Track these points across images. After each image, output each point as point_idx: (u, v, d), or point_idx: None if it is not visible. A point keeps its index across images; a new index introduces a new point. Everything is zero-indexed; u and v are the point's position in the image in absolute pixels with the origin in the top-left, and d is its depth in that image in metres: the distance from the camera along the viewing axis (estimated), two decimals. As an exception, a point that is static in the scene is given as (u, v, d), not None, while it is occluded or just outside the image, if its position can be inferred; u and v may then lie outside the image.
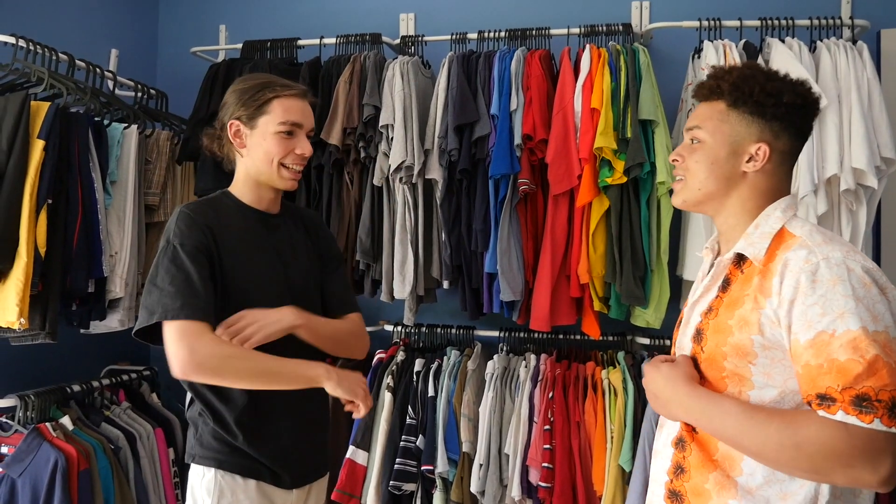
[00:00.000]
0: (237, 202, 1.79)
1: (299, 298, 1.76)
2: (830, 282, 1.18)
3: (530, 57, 2.61)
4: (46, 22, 2.85)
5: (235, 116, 1.74)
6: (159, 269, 1.63)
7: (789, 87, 1.35)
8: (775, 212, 1.34)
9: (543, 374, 2.57)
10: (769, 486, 1.24)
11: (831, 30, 2.56)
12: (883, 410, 1.11)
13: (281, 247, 1.79)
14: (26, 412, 2.40)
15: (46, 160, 2.25)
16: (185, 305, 1.57)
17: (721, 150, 1.37)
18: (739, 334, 1.27)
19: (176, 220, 1.67)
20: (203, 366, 1.58)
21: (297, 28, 3.15)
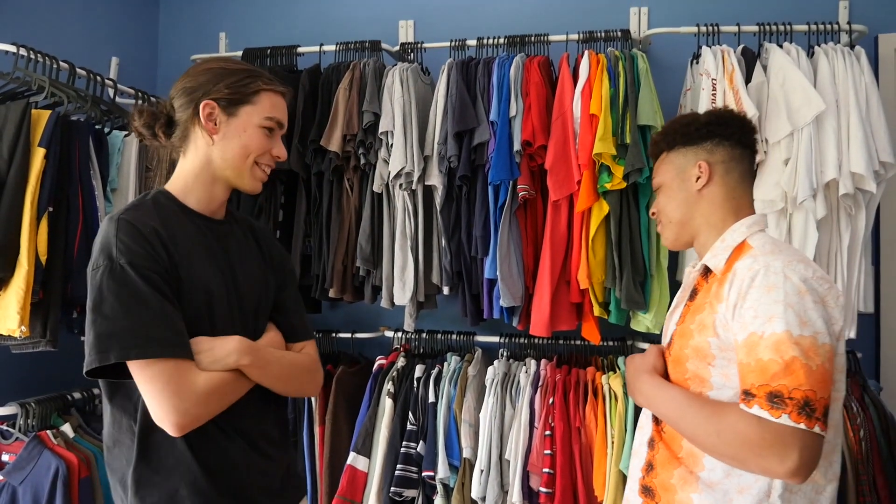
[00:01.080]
0: (179, 205, 1.51)
1: (251, 319, 1.56)
2: (765, 288, 1.31)
3: (529, 63, 2.62)
4: (47, 30, 2.86)
5: (213, 97, 1.49)
6: (105, 294, 1.33)
7: (703, 113, 1.58)
8: (741, 227, 1.49)
9: (544, 379, 2.57)
10: (728, 479, 1.36)
11: (829, 35, 2.57)
12: (793, 407, 1.23)
13: (231, 257, 1.55)
14: (27, 420, 2.40)
15: (47, 168, 2.26)
16: (150, 340, 1.31)
17: (673, 183, 1.58)
18: (699, 337, 1.41)
19: (116, 232, 1.37)
20: (198, 417, 1.36)
21: (297, 35, 3.16)
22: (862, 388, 2.45)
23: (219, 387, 1.39)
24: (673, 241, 1.61)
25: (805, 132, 2.34)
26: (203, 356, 1.39)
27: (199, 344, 1.40)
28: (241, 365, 1.43)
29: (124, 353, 1.31)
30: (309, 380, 1.63)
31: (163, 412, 1.33)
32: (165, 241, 1.41)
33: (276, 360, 1.52)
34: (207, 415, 1.38)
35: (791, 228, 2.39)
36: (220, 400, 1.40)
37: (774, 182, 2.36)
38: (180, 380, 1.33)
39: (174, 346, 1.34)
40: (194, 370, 1.36)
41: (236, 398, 1.44)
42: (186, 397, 1.33)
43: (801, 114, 2.34)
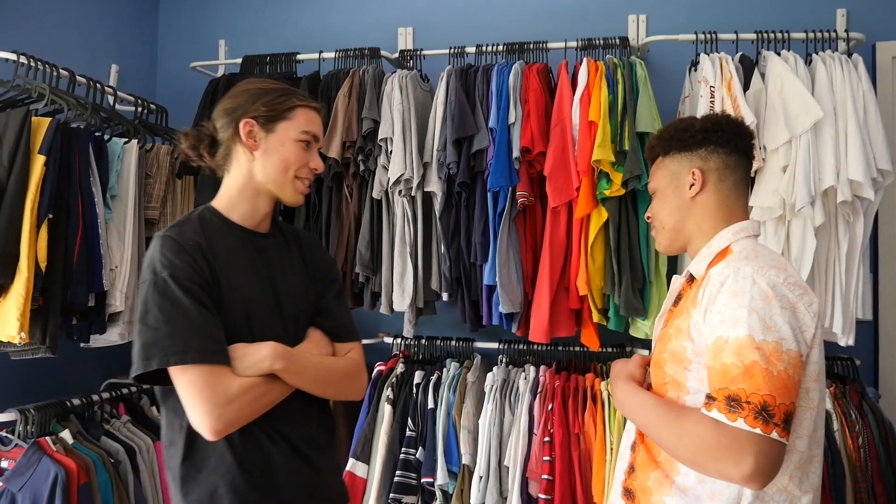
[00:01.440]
0: (223, 220, 1.61)
1: (291, 327, 1.61)
2: (732, 293, 1.32)
3: (528, 70, 2.63)
4: (47, 38, 2.87)
5: (252, 116, 1.58)
6: (149, 306, 1.43)
7: (700, 119, 1.57)
8: (727, 233, 1.49)
9: (543, 385, 2.58)
10: (701, 485, 1.36)
11: (827, 43, 2.58)
12: (749, 411, 1.23)
13: (271, 270, 1.62)
14: (26, 426, 2.40)
15: (47, 175, 2.26)
16: (188, 348, 1.40)
17: (668, 189, 1.57)
18: (675, 341, 1.42)
19: (160, 248, 1.48)
20: (232, 421, 1.43)
21: (297, 43, 3.17)
22: (860, 395, 2.45)
23: (252, 391, 1.45)
24: (666, 246, 1.61)
25: (803, 139, 2.34)
26: (238, 362, 1.46)
27: (235, 350, 1.47)
28: (275, 369, 1.48)
29: (165, 359, 1.39)
30: (349, 384, 1.66)
31: (198, 416, 1.40)
32: (207, 255, 1.50)
33: (313, 365, 1.57)
34: (242, 418, 1.44)
35: (789, 236, 2.40)
36: (254, 404, 1.45)
37: (773, 189, 2.37)
38: (215, 385, 1.40)
39: (210, 353, 1.42)
40: (229, 376, 1.43)
41: (273, 402, 1.50)
42: (220, 401, 1.40)
43: (799, 121, 2.34)
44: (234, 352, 1.47)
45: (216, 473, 1.47)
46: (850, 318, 2.41)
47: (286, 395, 1.52)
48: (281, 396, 1.51)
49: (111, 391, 2.80)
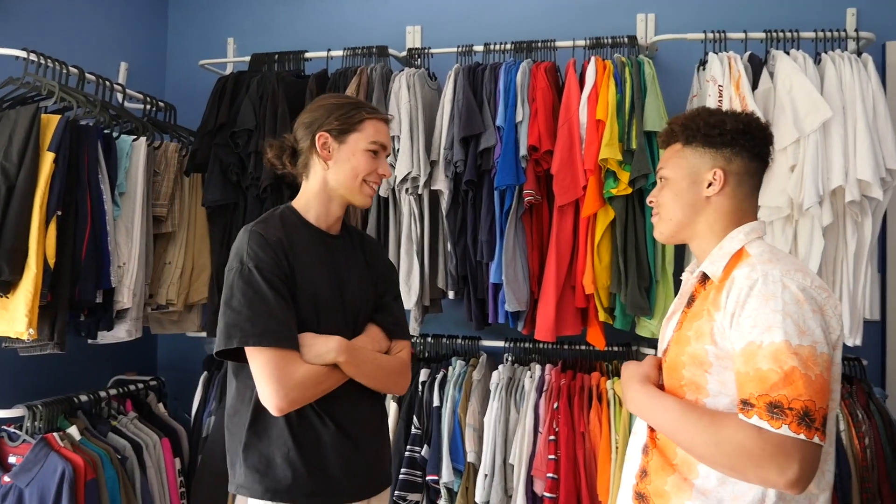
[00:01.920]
0: (301, 219, 1.78)
1: (353, 320, 1.78)
2: (764, 297, 1.30)
3: (536, 69, 2.63)
4: (57, 36, 2.88)
5: (326, 129, 1.75)
6: (234, 291, 1.62)
7: (731, 117, 1.50)
8: (739, 234, 1.46)
9: (548, 384, 2.58)
10: (722, 487, 1.34)
11: (836, 42, 2.57)
12: (792, 418, 1.21)
13: (339, 267, 1.79)
14: (34, 422, 2.41)
15: (56, 172, 2.28)
16: (266, 332, 1.58)
17: (683, 182, 1.51)
18: (696, 344, 1.39)
19: (248, 240, 1.66)
20: (296, 401, 1.60)
21: (305, 41, 3.17)
22: (867, 395, 2.44)
23: (316, 378, 1.62)
24: (667, 237, 1.57)
25: (811, 139, 2.34)
26: (307, 350, 1.63)
27: (305, 339, 1.64)
28: (339, 361, 1.65)
29: (244, 340, 1.58)
30: (395, 380, 1.82)
31: (267, 393, 1.59)
32: (287, 251, 1.68)
33: (370, 360, 1.74)
34: (304, 400, 1.62)
35: (797, 235, 2.39)
36: (315, 388, 1.63)
37: (780, 189, 2.36)
38: (285, 368, 1.58)
39: (284, 339, 1.60)
40: (298, 361, 1.61)
41: (331, 388, 1.66)
42: (287, 383, 1.58)
43: (808, 120, 2.34)
44: (304, 340, 1.64)
45: (274, 445, 1.66)
46: (857, 318, 2.41)
47: (342, 383, 1.69)
48: (338, 384, 1.68)
49: (118, 388, 2.82)
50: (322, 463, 1.68)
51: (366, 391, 1.75)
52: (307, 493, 1.66)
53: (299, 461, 1.65)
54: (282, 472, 1.65)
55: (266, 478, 1.66)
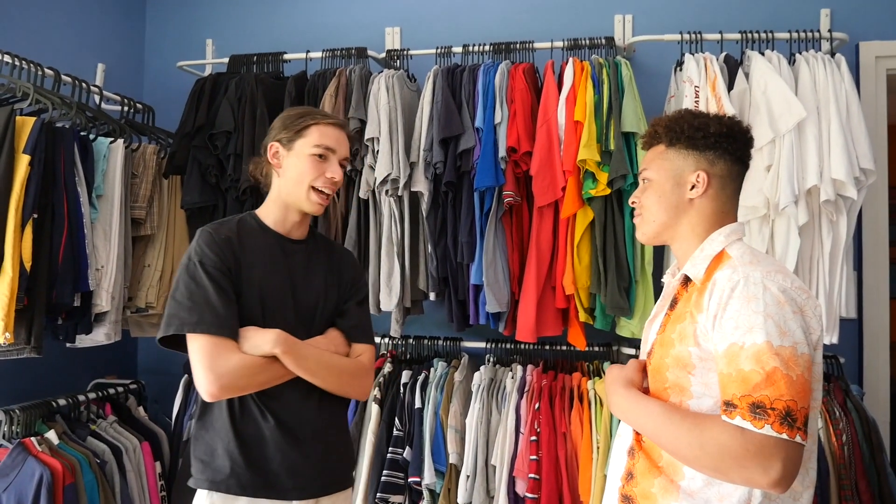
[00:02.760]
0: (259, 223, 1.86)
1: (308, 323, 1.83)
2: (745, 298, 1.31)
3: (514, 70, 2.64)
4: (32, 37, 2.85)
5: (276, 139, 1.84)
6: (179, 284, 1.72)
7: (714, 120, 1.51)
8: (719, 237, 1.47)
9: (530, 384, 2.58)
10: (708, 488, 1.35)
11: (810, 43, 2.60)
12: (775, 418, 1.23)
13: (294, 270, 1.84)
14: (11, 427, 2.39)
15: (32, 175, 2.25)
16: (201, 321, 1.65)
17: (666, 184, 1.52)
18: (680, 346, 1.40)
19: (197, 239, 1.76)
20: (227, 388, 1.66)
21: (284, 42, 3.17)
22: (844, 393, 2.47)
23: (251, 368, 1.66)
24: (650, 237, 1.58)
25: (786, 139, 2.36)
26: (244, 341, 1.69)
27: (245, 331, 1.71)
28: (275, 353, 1.68)
29: (180, 327, 1.66)
30: (350, 382, 1.84)
31: (199, 379, 1.65)
32: (235, 249, 1.76)
33: (314, 356, 1.76)
34: (237, 389, 1.68)
35: (773, 234, 2.42)
36: (249, 378, 1.67)
37: (757, 189, 2.38)
38: (218, 355, 1.64)
39: (218, 327, 1.66)
40: (233, 350, 1.66)
41: (270, 381, 1.71)
42: (217, 369, 1.63)
43: (783, 121, 2.36)
44: (244, 332, 1.70)
45: (218, 436, 1.73)
46: (834, 317, 2.43)
47: (286, 378, 1.72)
48: (280, 378, 1.71)
49: (98, 391, 2.80)
50: (261, 457, 1.73)
51: (316, 391, 1.77)
52: (244, 485, 1.71)
53: (238, 453, 1.71)
54: (221, 462, 1.71)
55: (208, 468, 1.72)
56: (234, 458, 1.71)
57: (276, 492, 1.73)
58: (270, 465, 1.73)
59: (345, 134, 1.89)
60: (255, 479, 1.71)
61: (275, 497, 1.73)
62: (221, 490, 1.71)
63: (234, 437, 1.72)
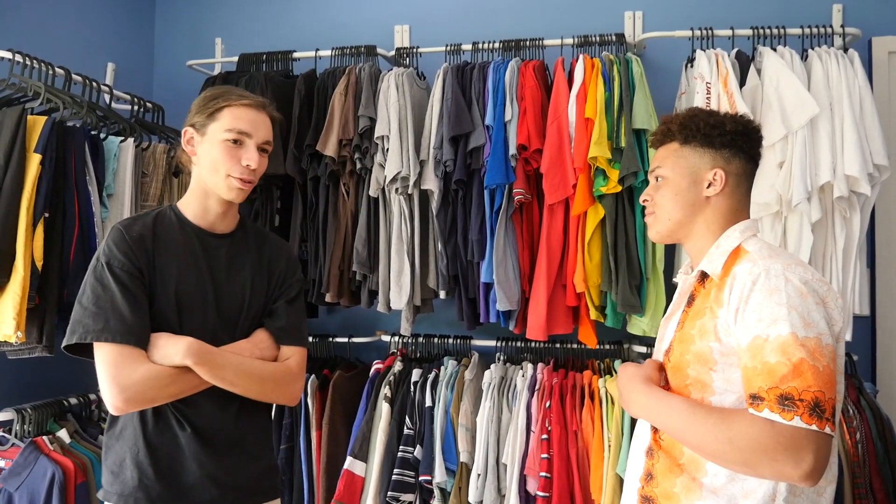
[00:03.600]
0: (179, 217, 1.72)
1: (230, 324, 1.71)
2: (768, 291, 1.31)
3: (524, 67, 2.63)
4: (43, 36, 2.86)
5: (190, 123, 1.71)
6: (86, 288, 1.60)
7: (729, 118, 1.52)
8: (734, 232, 1.48)
9: (540, 383, 2.57)
10: (732, 484, 1.34)
11: (823, 38, 2.58)
12: (804, 409, 1.22)
13: (215, 267, 1.71)
14: (23, 426, 2.40)
15: (43, 174, 2.26)
16: (106, 328, 1.54)
17: (683, 182, 1.52)
18: (700, 342, 1.40)
19: (107, 238, 1.64)
20: (132, 401, 1.55)
21: (293, 41, 3.17)
22: (858, 390, 2.45)
23: (159, 379, 1.56)
24: (664, 236, 1.57)
25: (799, 135, 2.35)
26: (155, 350, 1.58)
27: (156, 339, 1.59)
28: (186, 363, 1.58)
29: (84, 335, 1.55)
30: (274, 388, 1.72)
31: (103, 390, 1.55)
32: (148, 247, 1.64)
33: (232, 365, 1.64)
34: (145, 401, 1.57)
35: (786, 231, 2.40)
36: (157, 390, 1.56)
37: (769, 185, 2.37)
38: (123, 365, 1.53)
39: (123, 335, 1.54)
40: (140, 360, 1.55)
41: (183, 392, 1.60)
42: (122, 381, 1.53)
43: (795, 117, 2.34)
44: (155, 340, 1.59)
45: (126, 445, 1.63)
46: (847, 314, 2.42)
47: (201, 388, 1.62)
48: (195, 388, 1.61)
49: (108, 390, 2.80)
50: (175, 467, 1.63)
51: (234, 400, 1.68)
52: (153, 498, 1.61)
53: (148, 463, 1.61)
54: (129, 473, 1.61)
55: (117, 479, 1.62)
56: (143, 468, 1.61)
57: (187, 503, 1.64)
58: (185, 476, 1.63)
59: (265, 114, 1.73)
60: (166, 491, 1.62)
61: None
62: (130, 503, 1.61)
63: (145, 446, 1.61)
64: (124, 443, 1.63)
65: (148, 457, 1.61)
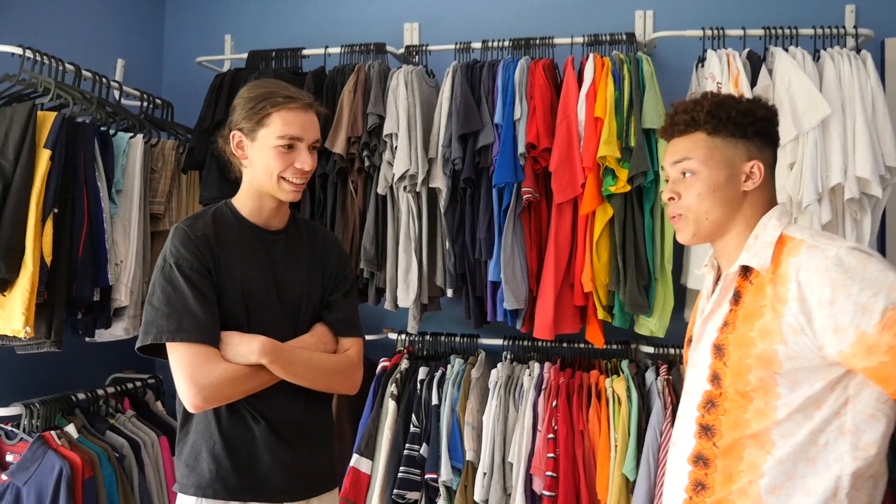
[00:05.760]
0: (236, 214, 1.75)
1: (293, 317, 1.74)
2: (860, 265, 1.25)
3: (534, 66, 2.62)
4: (53, 33, 2.87)
5: (238, 127, 1.71)
6: (155, 289, 1.62)
7: (758, 105, 1.44)
8: (771, 220, 1.40)
9: (547, 382, 2.57)
10: (791, 483, 1.30)
11: (835, 39, 2.56)
12: None
13: (275, 263, 1.74)
14: (31, 420, 2.41)
15: (52, 170, 2.27)
16: (180, 328, 1.57)
17: (720, 176, 1.41)
18: (763, 345, 1.31)
19: (172, 237, 1.66)
20: (211, 399, 1.59)
21: (302, 38, 3.16)
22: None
23: (235, 377, 1.59)
24: (699, 237, 1.46)
25: (810, 136, 2.33)
26: (228, 349, 1.61)
27: (230, 338, 1.62)
28: (262, 362, 1.61)
29: (159, 336, 1.57)
30: (340, 380, 1.78)
31: (181, 390, 1.58)
32: (213, 246, 1.66)
33: (302, 361, 1.68)
34: (222, 399, 1.60)
35: (796, 233, 2.38)
36: (233, 388, 1.60)
37: (780, 186, 2.34)
38: (199, 365, 1.56)
39: (198, 334, 1.57)
40: (216, 358, 1.58)
41: (256, 388, 1.63)
42: (200, 380, 1.55)
43: (807, 118, 2.33)
44: (227, 339, 1.62)
45: (202, 439, 1.66)
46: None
47: (272, 383, 1.65)
48: (266, 384, 1.65)
49: (116, 385, 2.82)
50: (250, 459, 1.66)
51: (302, 392, 1.71)
52: (231, 489, 1.64)
53: (224, 455, 1.64)
54: (206, 465, 1.64)
55: (193, 472, 1.65)
56: (220, 461, 1.64)
57: (266, 494, 1.67)
58: (260, 467, 1.67)
59: (312, 113, 1.73)
60: (242, 482, 1.65)
61: (264, 500, 1.67)
62: (209, 496, 1.64)
63: (220, 439, 1.65)
64: (198, 437, 1.66)
65: (224, 449, 1.64)
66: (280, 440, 1.68)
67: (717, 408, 1.40)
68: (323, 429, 1.83)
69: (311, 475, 1.76)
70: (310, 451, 1.75)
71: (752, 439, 1.35)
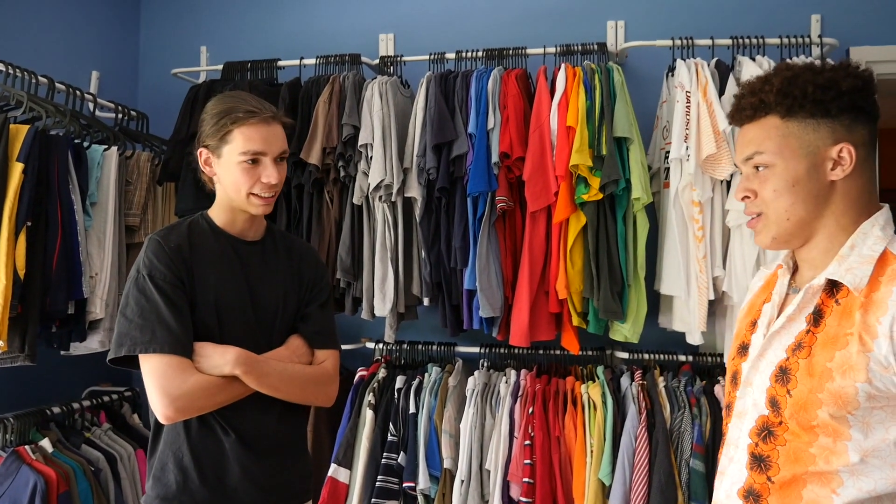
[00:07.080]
0: (212, 225, 1.75)
1: (266, 329, 1.74)
2: None
3: (507, 76, 2.65)
4: (27, 45, 2.86)
5: (204, 144, 1.71)
6: (129, 300, 1.61)
7: (842, 73, 1.18)
8: (873, 229, 1.18)
9: (524, 389, 2.59)
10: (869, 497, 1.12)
11: (801, 48, 2.62)
12: None
13: (251, 274, 1.74)
14: (5, 435, 2.39)
15: (25, 183, 2.26)
16: (153, 339, 1.56)
17: (799, 167, 1.19)
18: (842, 380, 1.11)
19: (146, 249, 1.66)
20: (183, 410, 1.58)
21: (278, 49, 3.17)
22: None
23: (208, 389, 1.58)
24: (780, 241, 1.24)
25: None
26: (202, 360, 1.60)
27: (203, 349, 1.62)
28: (235, 374, 1.60)
29: (133, 348, 1.57)
30: (314, 391, 1.77)
31: (153, 401, 1.57)
32: (186, 257, 1.65)
33: (276, 372, 1.68)
34: (195, 410, 1.59)
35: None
36: (206, 399, 1.59)
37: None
38: (173, 375, 1.55)
39: (171, 345, 1.56)
40: (189, 370, 1.57)
41: (230, 400, 1.63)
42: (172, 391, 1.55)
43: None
44: (201, 350, 1.61)
45: (170, 449, 1.65)
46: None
47: (246, 394, 1.65)
48: (240, 395, 1.64)
49: (92, 399, 2.80)
50: (219, 471, 1.65)
51: (276, 404, 1.70)
52: (198, 501, 1.63)
53: (192, 467, 1.63)
54: (173, 476, 1.63)
55: (159, 483, 1.64)
56: (188, 472, 1.63)
57: None
58: (229, 479, 1.66)
59: (276, 125, 1.71)
60: (210, 494, 1.64)
61: None
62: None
63: (189, 450, 1.64)
64: (167, 447, 1.65)
65: (192, 461, 1.63)
66: (250, 453, 1.67)
67: (776, 438, 1.20)
68: (296, 442, 1.82)
69: (283, 488, 1.75)
70: (281, 465, 1.74)
71: (816, 477, 1.15)
